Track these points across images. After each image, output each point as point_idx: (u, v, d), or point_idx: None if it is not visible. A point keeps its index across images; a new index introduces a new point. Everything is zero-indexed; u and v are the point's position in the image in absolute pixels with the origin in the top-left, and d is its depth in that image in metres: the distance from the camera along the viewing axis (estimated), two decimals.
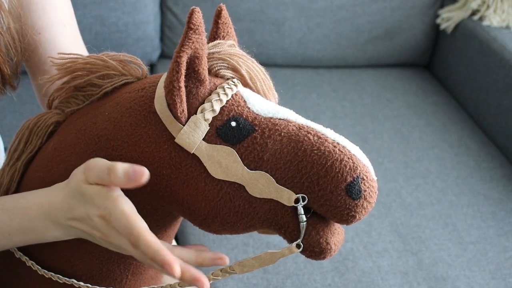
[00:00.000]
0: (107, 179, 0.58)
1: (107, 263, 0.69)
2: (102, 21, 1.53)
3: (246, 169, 0.60)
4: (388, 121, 1.56)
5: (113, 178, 0.58)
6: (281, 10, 1.65)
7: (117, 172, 0.58)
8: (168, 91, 0.59)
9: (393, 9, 1.71)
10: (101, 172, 0.59)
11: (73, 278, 0.69)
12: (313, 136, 0.61)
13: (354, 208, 0.60)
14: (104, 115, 0.65)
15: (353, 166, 0.59)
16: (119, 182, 0.58)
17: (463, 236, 1.22)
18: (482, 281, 1.13)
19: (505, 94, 1.50)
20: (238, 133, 0.61)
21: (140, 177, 0.57)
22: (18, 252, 0.70)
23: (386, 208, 1.27)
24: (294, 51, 1.71)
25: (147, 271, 0.72)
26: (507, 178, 1.40)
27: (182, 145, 0.61)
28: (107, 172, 0.58)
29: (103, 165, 0.59)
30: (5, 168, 0.72)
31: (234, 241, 1.15)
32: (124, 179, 0.58)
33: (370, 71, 1.77)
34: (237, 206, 0.62)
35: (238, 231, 0.64)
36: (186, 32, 0.58)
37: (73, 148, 0.66)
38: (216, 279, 0.65)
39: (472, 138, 1.53)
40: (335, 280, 1.09)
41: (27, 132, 0.71)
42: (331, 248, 0.62)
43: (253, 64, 0.67)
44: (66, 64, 0.68)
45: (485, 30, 1.61)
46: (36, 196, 0.64)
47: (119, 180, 0.58)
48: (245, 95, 0.63)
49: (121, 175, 0.58)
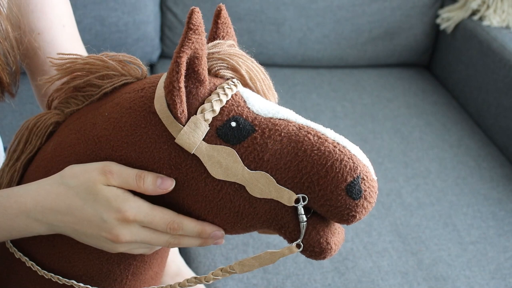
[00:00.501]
0: (134, 185, 0.61)
1: (107, 263, 0.69)
2: (102, 21, 1.52)
3: (247, 169, 0.60)
4: (388, 121, 1.56)
5: (141, 184, 0.61)
6: (281, 10, 1.65)
7: (146, 178, 0.61)
8: (168, 91, 0.59)
9: (393, 9, 1.71)
10: (129, 177, 0.61)
11: (73, 279, 0.69)
12: (313, 136, 0.61)
13: (355, 208, 0.60)
14: (104, 116, 0.65)
15: (353, 166, 0.59)
16: (146, 189, 0.61)
17: (463, 236, 1.22)
18: (482, 281, 1.12)
19: (505, 94, 1.49)
20: (238, 133, 0.61)
21: (168, 186, 0.61)
22: (18, 253, 0.70)
23: (386, 208, 1.27)
24: (294, 51, 1.70)
25: (147, 271, 0.72)
26: (507, 178, 1.40)
27: (182, 145, 0.60)
28: (135, 178, 0.61)
29: (131, 171, 0.61)
30: (4, 168, 0.72)
31: (234, 241, 1.15)
32: (152, 186, 0.61)
33: (370, 71, 1.77)
34: (238, 206, 0.62)
35: (238, 231, 0.64)
36: (186, 32, 0.58)
37: (72, 149, 0.66)
38: (217, 278, 0.65)
39: (472, 138, 1.53)
40: (335, 280, 1.09)
41: (26, 132, 0.71)
42: (332, 248, 0.62)
43: (253, 64, 0.67)
44: (66, 65, 0.68)
45: (485, 30, 1.61)
46: (17, 194, 0.64)
47: (147, 187, 0.61)
48: (245, 95, 0.63)
49: (149, 182, 0.61)
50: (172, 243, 0.64)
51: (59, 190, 0.63)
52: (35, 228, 0.64)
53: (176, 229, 0.62)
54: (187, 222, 0.63)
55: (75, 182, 0.62)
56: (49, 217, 0.63)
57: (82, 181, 0.62)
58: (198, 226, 0.63)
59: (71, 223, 0.62)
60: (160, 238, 0.64)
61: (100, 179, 0.61)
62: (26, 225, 0.64)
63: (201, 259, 1.11)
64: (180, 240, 0.64)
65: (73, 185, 0.62)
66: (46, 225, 0.64)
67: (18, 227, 0.64)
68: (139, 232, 0.63)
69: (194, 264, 1.10)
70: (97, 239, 0.63)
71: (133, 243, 0.64)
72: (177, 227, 0.62)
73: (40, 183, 0.65)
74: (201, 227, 0.63)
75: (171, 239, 0.64)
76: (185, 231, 0.63)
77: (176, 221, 0.62)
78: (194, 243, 0.65)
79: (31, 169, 0.70)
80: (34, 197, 0.63)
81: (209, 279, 0.65)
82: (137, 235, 0.62)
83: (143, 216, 0.62)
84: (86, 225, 0.62)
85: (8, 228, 0.64)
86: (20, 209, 0.63)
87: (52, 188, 0.63)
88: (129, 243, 0.63)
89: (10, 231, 0.65)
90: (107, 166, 0.62)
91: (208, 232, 0.63)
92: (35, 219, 0.63)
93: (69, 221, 0.62)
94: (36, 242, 0.69)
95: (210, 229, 0.63)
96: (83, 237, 0.64)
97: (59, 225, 0.63)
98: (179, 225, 0.62)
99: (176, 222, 0.62)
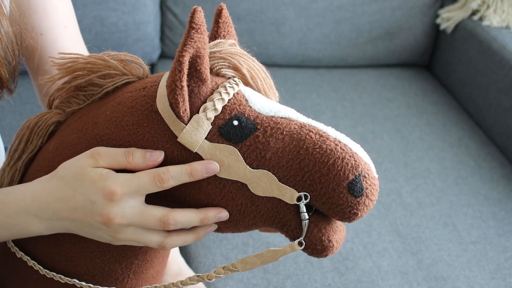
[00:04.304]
0: (123, 161, 0.61)
1: (109, 262, 0.69)
2: (102, 21, 1.53)
3: (249, 168, 0.60)
4: (388, 121, 1.56)
5: (130, 159, 0.61)
6: (281, 10, 1.65)
7: (135, 153, 0.61)
8: (171, 90, 0.59)
9: (393, 9, 1.71)
10: (118, 154, 0.61)
11: (75, 278, 0.69)
12: (314, 135, 0.61)
13: (356, 206, 0.60)
14: (106, 115, 0.65)
15: (355, 164, 0.59)
16: (136, 163, 0.61)
17: (463, 236, 1.22)
18: (482, 281, 1.13)
19: (505, 94, 1.50)
20: (240, 132, 0.61)
21: (157, 157, 0.61)
22: (20, 252, 0.70)
23: (386, 208, 1.27)
24: (294, 51, 1.71)
25: (148, 270, 0.72)
26: (507, 178, 1.40)
27: (185, 144, 0.61)
28: (124, 154, 0.61)
29: (118, 149, 0.62)
30: (5, 168, 0.72)
31: (234, 241, 1.15)
32: (142, 159, 0.60)
33: (370, 71, 1.77)
34: (240, 205, 0.62)
35: (240, 229, 0.64)
36: (188, 31, 0.58)
37: (74, 148, 0.66)
38: (219, 276, 0.65)
39: (472, 138, 1.53)
40: (335, 280, 1.09)
41: (27, 132, 0.71)
42: (333, 245, 0.62)
43: (254, 63, 0.67)
44: (67, 64, 0.69)
45: (485, 30, 1.62)
46: (17, 191, 0.64)
47: (137, 161, 0.61)
48: (246, 94, 0.64)
49: (139, 156, 0.60)
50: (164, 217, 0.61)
51: (53, 183, 0.63)
52: (35, 226, 0.64)
53: (163, 179, 0.60)
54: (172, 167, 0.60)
55: (65, 172, 0.62)
56: (46, 212, 0.63)
57: (72, 169, 0.62)
58: (185, 166, 0.60)
59: (66, 215, 0.62)
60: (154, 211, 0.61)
61: (88, 162, 0.61)
62: (26, 222, 0.64)
63: (201, 259, 1.11)
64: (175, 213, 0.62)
65: (63, 175, 0.62)
66: (46, 221, 0.63)
67: (18, 226, 0.64)
68: (131, 209, 0.61)
69: (194, 264, 1.11)
70: (94, 228, 0.62)
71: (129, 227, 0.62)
72: (164, 176, 0.60)
73: (39, 180, 0.65)
74: (188, 166, 0.60)
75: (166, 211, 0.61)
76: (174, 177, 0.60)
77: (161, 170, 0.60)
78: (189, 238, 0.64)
79: (32, 168, 0.70)
80: (32, 193, 0.63)
81: (211, 277, 0.65)
82: (130, 212, 0.60)
83: (128, 184, 0.60)
84: (81, 213, 0.61)
85: (8, 226, 0.64)
86: (19, 206, 0.63)
87: (47, 183, 0.63)
88: (124, 226, 0.61)
89: (10, 230, 0.64)
90: (94, 149, 0.62)
91: (199, 168, 0.60)
92: (34, 216, 0.63)
93: (65, 213, 0.62)
94: (38, 242, 0.69)
95: (200, 165, 0.60)
96: (84, 228, 0.63)
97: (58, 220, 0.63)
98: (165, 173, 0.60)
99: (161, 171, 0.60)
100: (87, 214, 0.61)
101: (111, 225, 0.61)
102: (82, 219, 0.62)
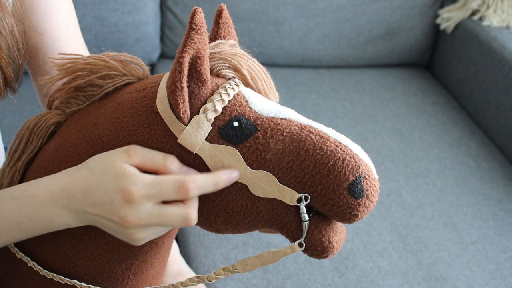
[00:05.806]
0: (159, 162, 0.60)
1: (109, 263, 0.69)
2: (102, 21, 1.52)
3: (249, 169, 0.60)
4: (388, 121, 1.56)
5: (167, 163, 0.60)
6: (281, 10, 1.65)
7: (174, 159, 0.61)
8: (171, 91, 0.59)
9: (393, 9, 1.71)
10: (155, 155, 0.61)
11: (75, 279, 0.69)
12: (315, 136, 0.61)
13: (357, 207, 0.60)
14: (106, 116, 0.65)
15: (355, 165, 0.59)
16: (172, 168, 0.60)
17: (463, 236, 1.22)
18: (482, 281, 1.13)
19: (505, 94, 1.50)
20: (241, 133, 0.61)
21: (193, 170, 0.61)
22: (20, 253, 0.70)
23: (386, 208, 1.27)
24: (294, 51, 1.71)
25: (148, 271, 0.72)
26: (507, 178, 1.40)
27: (185, 145, 0.61)
28: (162, 157, 0.61)
29: (156, 151, 0.61)
30: (5, 168, 0.72)
31: (234, 241, 1.15)
32: (178, 169, 0.60)
33: (370, 71, 1.77)
34: (240, 206, 0.62)
35: (240, 230, 0.64)
36: (188, 32, 0.58)
37: (74, 149, 0.66)
38: (219, 278, 0.65)
39: (472, 138, 1.53)
40: (335, 280, 1.09)
41: (27, 132, 0.71)
42: (334, 246, 0.62)
43: (254, 64, 0.67)
44: (67, 65, 0.68)
45: (485, 30, 1.62)
46: (45, 182, 0.64)
47: (174, 166, 0.60)
48: (246, 95, 0.64)
49: (176, 165, 0.60)
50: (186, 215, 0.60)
51: (80, 173, 0.62)
52: (63, 217, 0.62)
53: (188, 189, 0.58)
54: (199, 177, 0.59)
55: (95, 163, 0.61)
56: (73, 203, 0.61)
57: (102, 160, 0.61)
58: (212, 176, 0.59)
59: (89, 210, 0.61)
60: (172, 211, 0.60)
61: (121, 157, 0.60)
62: (54, 214, 0.62)
63: (201, 259, 1.11)
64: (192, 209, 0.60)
65: (92, 166, 0.61)
66: (73, 213, 0.62)
67: (46, 218, 0.63)
68: (148, 212, 0.59)
69: (194, 264, 1.11)
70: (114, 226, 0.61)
71: (148, 229, 0.61)
72: (190, 186, 0.58)
73: (67, 170, 0.64)
74: (215, 176, 0.59)
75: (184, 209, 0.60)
76: (199, 188, 0.59)
77: (187, 179, 0.59)
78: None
79: (32, 169, 0.70)
80: (60, 183, 0.62)
81: (212, 279, 0.65)
82: (147, 215, 0.59)
83: (150, 188, 0.58)
84: (101, 211, 0.60)
85: (37, 219, 0.63)
86: (48, 197, 0.62)
87: (76, 172, 0.62)
88: (142, 228, 0.60)
89: (38, 223, 0.63)
90: (131, 146, 0.61)
91: (224, 178, 0.59)
92: (62, 207, 0.62)
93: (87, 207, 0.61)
94: (38, 242, 0.69)
95: (225, 175, 0.60)
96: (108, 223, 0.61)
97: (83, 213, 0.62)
98: (190, 183, 0.59)
99: (187, 181, 0.58)
100: (106, 212, 0.60)
101: (128, 226, 0.60)
102: (103, 216, 0.61)
